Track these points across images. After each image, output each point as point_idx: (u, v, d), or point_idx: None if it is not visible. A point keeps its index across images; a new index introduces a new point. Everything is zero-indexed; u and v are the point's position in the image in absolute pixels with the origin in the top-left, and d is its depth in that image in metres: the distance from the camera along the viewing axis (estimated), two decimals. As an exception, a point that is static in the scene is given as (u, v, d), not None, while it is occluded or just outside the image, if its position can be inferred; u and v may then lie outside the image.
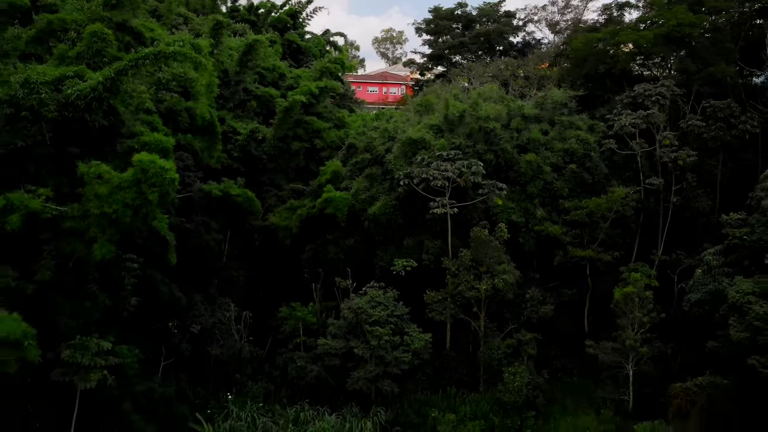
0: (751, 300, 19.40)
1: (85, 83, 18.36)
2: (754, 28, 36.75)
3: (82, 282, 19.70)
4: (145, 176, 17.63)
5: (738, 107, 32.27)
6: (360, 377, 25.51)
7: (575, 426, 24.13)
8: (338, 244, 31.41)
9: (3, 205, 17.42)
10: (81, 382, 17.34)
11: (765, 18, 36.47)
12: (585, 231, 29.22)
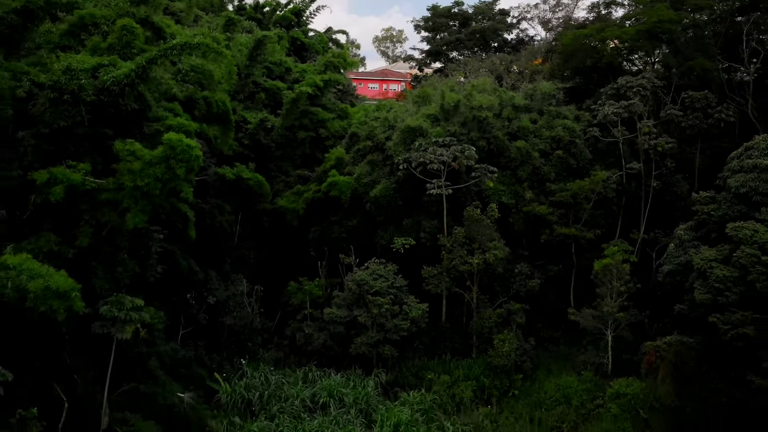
0: (713, 265, 21.45)
1: (119, 70, 20.40)
2: (734, 24, 38.77)
3: (115, 249, 21.78)
4: (174, 153, 19.67)
5: (715, 98, 34.19)
6: (362, 343, 27.64)
7: (558, 386, 26.18)
8: (342, 225, 33.51)
9: (47, 178, 19.50)
10: (118, 333, 19.41)
11: (743, 15, 38.48)
12: (570, 211, 31.28)
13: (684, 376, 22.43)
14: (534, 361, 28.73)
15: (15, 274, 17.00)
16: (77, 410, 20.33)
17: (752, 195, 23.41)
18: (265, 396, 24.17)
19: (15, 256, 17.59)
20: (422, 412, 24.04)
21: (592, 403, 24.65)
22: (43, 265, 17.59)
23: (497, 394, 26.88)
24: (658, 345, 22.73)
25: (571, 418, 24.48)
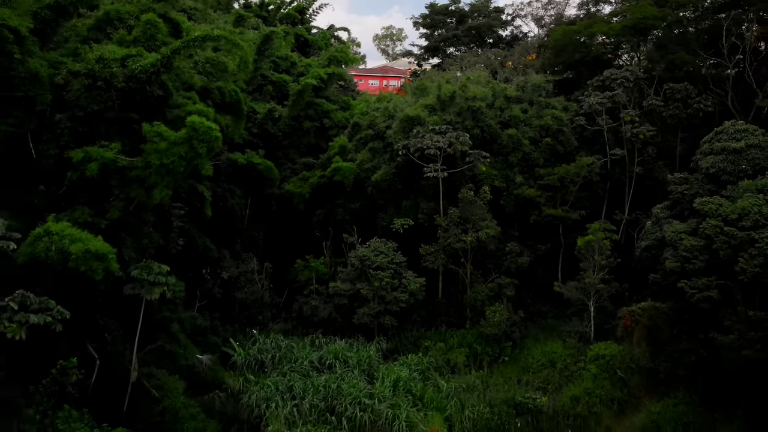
0: (682, 237, 23.46)
1: (146, 60, 22.34)
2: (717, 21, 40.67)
3: (141, 222, 23.78)
4: (196, 134, 21.64)
5: (694, 90, 36.10)
6: (365, 313, 29.69)
7: (544, 352, 28.25)
8: (345, 208, 35.54)
9: (82, 156, 21.49)
10: (147, 294, 21.43)
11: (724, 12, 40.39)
12: (557, 194, 33.30)
13: (657, 338, 24.48)
14: (523, 332, 30.77)
15: (57, 239, 18.96)
16: (108, 366, 22.34)
17: (720, 175, 25.44)
18: (277, 357, 26.28)
19: (57, 224, 19.58)
20: (419, 372, 26.13)
21: (575, 366, 26.73)
22: (82, 232, 19.62)
23: (488, 360, 28.92)
24: (633, 310, 24.78)
25: (555, 379, 26.55)
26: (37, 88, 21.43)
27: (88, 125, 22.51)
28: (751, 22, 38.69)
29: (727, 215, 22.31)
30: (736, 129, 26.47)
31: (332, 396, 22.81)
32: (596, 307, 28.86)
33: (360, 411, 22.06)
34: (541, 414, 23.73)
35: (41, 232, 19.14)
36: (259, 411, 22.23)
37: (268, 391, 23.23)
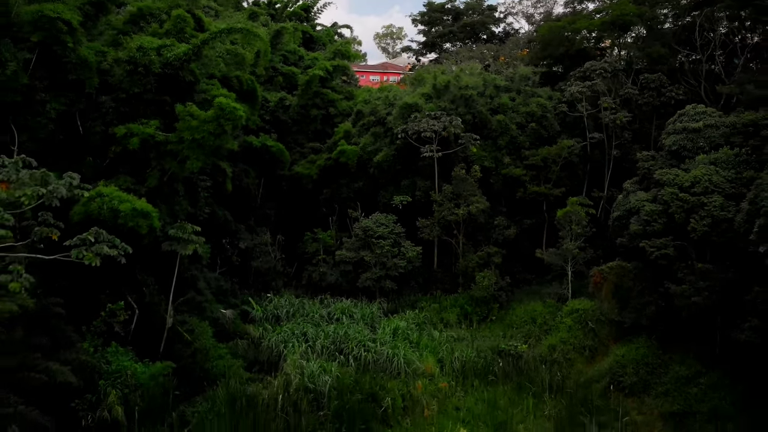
0: (645, 204, 26.51)
1: (179, 49, 25.46)
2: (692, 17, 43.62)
3: (174, 191, 26.90)
4: (223, 113, 24.76)
5: (667, 80, 39.17)
6: (367, 278, 32.82)
7: (527, 311, 31.35)
8: (349, 187, 38.63)
9: (125, 132, 24.61)
10: (181, 250, 24.55)
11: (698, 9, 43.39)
12: (541, 173, 36.40)
13: (622, 294, 27.56)
14: (509, 295, 33.88)
15: (108, 199, 22.05)
16: (145, 314, 25.44)
17: (681, 151, 28.48)
18: (291, 312, 29.43)
19: (106, 188, 22.69)
20: (416, 324, 29.26)
21: (553, 321, 29.84)
22: (128, 194, 22.73)
23: (477, 319, 32.05)
24: (602, 269, 27.89)
25: (535, 333, 29.67)
26: (86, 72, 24.47)
27: (129, 106, 25.62)
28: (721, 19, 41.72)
29: (682, 183, 25.37)
30: (696, 111, 29.51)
31: (340, 340, 25.95)
32: (573, 271, 31.95)
33: (364, 351, 25.20)
34: (521, 359, 26.79)
35: (94, 194, 22.14)
36: (278, 351, 25.38)
37: (284, 335, 26.43)
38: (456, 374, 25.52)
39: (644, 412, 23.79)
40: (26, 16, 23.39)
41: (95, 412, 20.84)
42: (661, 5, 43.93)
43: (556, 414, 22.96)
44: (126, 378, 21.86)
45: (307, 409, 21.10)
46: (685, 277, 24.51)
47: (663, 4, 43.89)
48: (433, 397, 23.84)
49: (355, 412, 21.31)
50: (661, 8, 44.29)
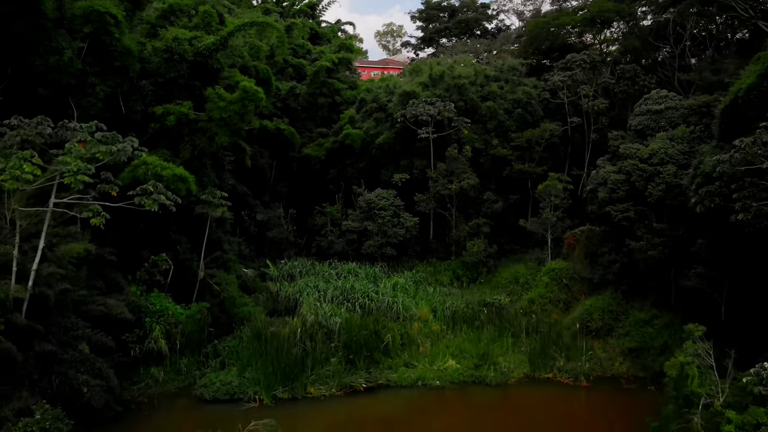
0: (611, 174, 30.10)
1: (208, 40, 29.03)
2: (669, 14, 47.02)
3: (202, 164, 30.52)
4: (247, 95, 28.39)
5: (641, 70, 42.70)
6: (370, 245, 36.45)
7: (511, 272, 34.97)
8: (354, 166, 42.20)
9: (162, 111, 28.25)
10: (212, 212, 28.22)
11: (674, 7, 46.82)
12: (525, 153, 39.98)
13: (592, 253, 31.20)
14: (496, 262, 37.48)
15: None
16: (180, 269, 29.06)
17: (645, 130, 32.05)
18: (303, 271, 33.08)
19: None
20: (413, 282, 32.94)
21: (533, 280, 33.47)
22: (167, 162, 26.33)
23: (467, 280, 35.68)
24: (574, 232, 31.53)
25: (517, 290, 33.31)
26: (129, 59, 28.03)
27: (165, 89, 29.22)
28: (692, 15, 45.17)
29: (642, 156, 28.96)
30: (659, 95, 33.07)
31: (347, 291, 29.59)
32: (552, 238, 35.54)
33: (368, 300, 28.86)
34: (504, 309, 30.44)
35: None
36: (294, 300, 29.04)
37: (299, 287, 30.11)
38: (447, 320, 29.16)
39: (607, 350, 27.47)
40: (78, 11, 26.94)
41: (143, 344, 24.57)
42: (639, 3, 47.44)
43: (530, 350, 26.60)
44: (167, 317, 25.56)
45: (321, 340, 24.79)
46: (643, 236, 28.15)
47: (641, 2, 47.40)
48: (427, 337, 27.51)
49: (361, 344, 24.98)
50: (639, 6, 47.80)
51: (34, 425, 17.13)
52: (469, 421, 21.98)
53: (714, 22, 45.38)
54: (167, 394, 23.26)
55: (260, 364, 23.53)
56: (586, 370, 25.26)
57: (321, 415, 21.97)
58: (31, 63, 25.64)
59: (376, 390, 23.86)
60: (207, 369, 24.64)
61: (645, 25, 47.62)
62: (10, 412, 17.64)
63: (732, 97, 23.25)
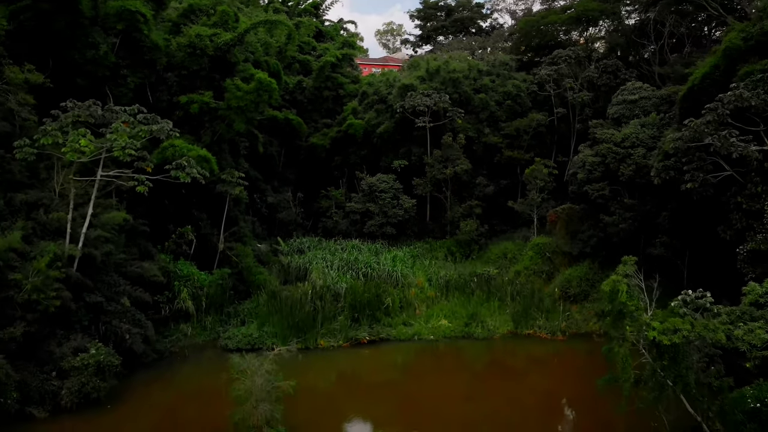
0: (588, 157, 33.02)
1: (227, 36, 31.93)
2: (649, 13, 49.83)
3: (221, 149, 33.42)
4: (262, 86, 31.31)
5: (623, 65, 45.57)
6: (372, 224, 39.41)
7: (500, 249, 37.88)
8: (356, 154, 45.13)
9: (186, 100, 31.19)
10: (231, 190, 31.18)
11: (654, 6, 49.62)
12: (514, 141, 42.90)
13: (572, 229, 34.18)
14: (487, 240, 40.41)
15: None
16: (201, 242, 31.97)
17: (621, 118, 34.96)
18: (311, 246, 36.05)
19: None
20: (411, 256, 35.93)
21: (520, 255, 36.43)
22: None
23: (461, 257, 38.61)
24: (556, 210, 34.50)
25: (505, 264, 36.23)
26: (157, 53, 30.95)
27: (188, 80, 32.15)
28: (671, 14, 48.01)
29: (616, 140, 31.90)
30: (634, 87, 35.99)
31: (352, 262, 32.58)
32: (538, 218, 38.51)
33: (370, 269, 31.85)
34: (492, 279, 33.38)
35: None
36: (304, 269, 32.01)
37: (308, 258, 33.10)
38: (441, 288, 32.11)
39: (583, 312, 30.35)
40: (111, 10, 29.85)
41: (172, 304, 27.55)
42: (623, 2, 50.27)
43: (514, 311, 29.59)
44: (193, 281, 28.53)
45: (329, 301, 27.77)
46: (616, 211, 31.12)
47: (624, 2, 50.23)
48: (423, 302, 30.49)
49: (365, 305, 27.96)
50: (623, 5, 50.63)
51: (90, 359, 20.09)
52: (459, 365, 24.96)
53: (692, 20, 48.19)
54: (195, 346, 26.23)
55: (276, 320, 26.53)
56: (562, 327, 28.22)
57: (330, 361, 24.97)
58: (70, 56, 28.53)
59: (377, 343, 26.85)
60: (229, 326, 27.62)
61: (629, 24, 50.49)
62: (68, 350, 20.61)
63: (690, 85, 26.18)
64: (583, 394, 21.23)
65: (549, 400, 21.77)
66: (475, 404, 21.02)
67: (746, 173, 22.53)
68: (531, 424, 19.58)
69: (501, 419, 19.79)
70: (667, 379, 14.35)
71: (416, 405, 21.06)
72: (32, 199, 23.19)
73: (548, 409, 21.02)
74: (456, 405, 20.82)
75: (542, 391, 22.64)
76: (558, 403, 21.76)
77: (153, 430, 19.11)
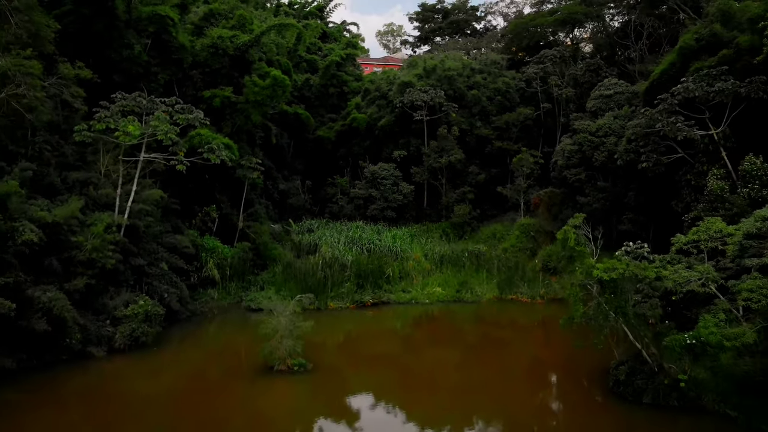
0: (567, 146, 36.63)
1: (245, 38, 35.52)
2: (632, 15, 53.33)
3: (240, 138, 36.99)
4: (276, 82, 34.92)
5: (605, 63, 49.14)
6: (374, 208, 43.00)
7: (490, 230, 41.49)
8: (360, 145, 48.70)
9: (209, 95, 34.79)
10: (249, 174, 34.80)
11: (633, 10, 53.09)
12: (504, 133, 46.48)
13: (553, 211, 37.78)
14: (478, 223, 44.01)
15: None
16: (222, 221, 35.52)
17: (598, 111, 38.56)
18: (320, 227, 39.67)
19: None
20: (409, 236, 39.53)
21: (507, 234, 40.04)
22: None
23: (455, 238, 42.20)
24: (539, 193, 38.11)
25: (494, 242, 39.84)
26: (183, 53, 34.56)
27: (211, 77, 35.76)
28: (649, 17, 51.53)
29: (591, 130, 35.50)
30: (610, 83, 39.58)
31: (356, 239, 36.20)
32: (525, 202, 42.12)
33: (373, 245, 35.48)
34: (482, 255, 36.95)
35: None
36: (314, 246, 35.60)
37: (317, 236, 36.73)
38: (435, 262, 35.68)
39: (561, 283, 33.88)
40: (144, 14, 33.44)
41: (200, 272, 31.15)
42: (607, 6, 53.80)
43: (500, 280, 33.21)
44: (218, 253, 32.14)
45: (337, 270, 31.40)
46: (590, 193, 34.74)
47: (608, 6, 53.76)
48: (419, 273, 34.09)
49: (368, 274, 31.58)
50: (606, 9, 54.17)
51: (139, 309, 23.70)
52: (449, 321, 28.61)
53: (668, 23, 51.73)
54: (221, 308, 29.86)
55: (291, 285, 30.15)
56: (542, 293, 31.84)
57: (339, 319, 28.60)
58: (107, 55, 32.12)
59: (379, 305, 30.50)
60: (250, 291, 31.23)
61: (612, 26, 54.06)
62: (120, 303, 24.23)
63: (651, 80, 29.75)
64: (553, 338, 24.92)
65: (521, 340, 25.80)
66: (459, 343, 24.70)
67: (695, 155, 26.10)
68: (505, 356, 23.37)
69: (481, 351, 23.52)
70: (610, 310, 17.94)
71: (412, 348, 24.72)
72: (83, 177, 26.81)
73: (520, 347, 24.91)
74: (442, 345, 24.49)
75: (518, 334, 26.73)
76: (528, 343, 25.65)
77: (194, 366, 22.70)
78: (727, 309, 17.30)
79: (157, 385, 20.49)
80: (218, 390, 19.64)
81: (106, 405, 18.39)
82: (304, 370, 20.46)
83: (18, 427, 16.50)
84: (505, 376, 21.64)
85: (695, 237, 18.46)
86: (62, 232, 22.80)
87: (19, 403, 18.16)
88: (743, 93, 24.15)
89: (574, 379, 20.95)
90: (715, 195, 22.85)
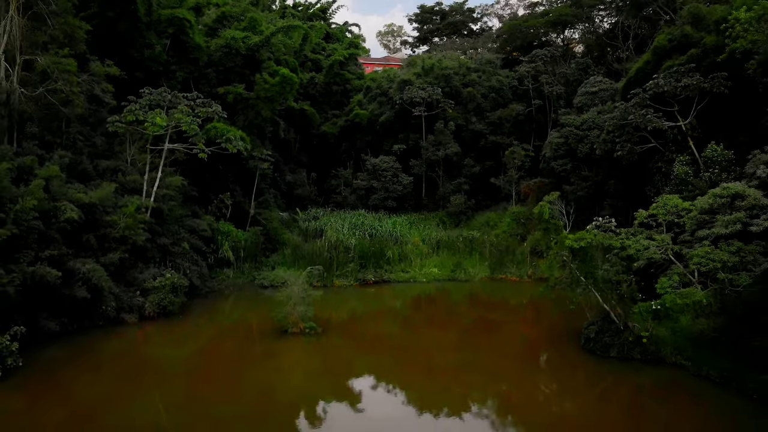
0: (555, 138, 39.18)
1: (256, 38, 38.07)
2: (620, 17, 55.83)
3: (251, 132, 39.56)
4: (285, 79, 37.48)
5: (592, 62, 51.68)
6: (375, 198, 45.57)
7: (484, 218, 44.07)
8: (362, 140, 51.25)
9: (223, 91, 37.35)
10: (260, 166, 37.35)
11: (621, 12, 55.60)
12: (497, 128, 49.02)
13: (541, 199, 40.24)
14: (473, 212, 46.56)
15: (220, 130, 34.70)
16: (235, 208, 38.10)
17: (583, 107, 41.13)
18: (324, 215, 42.26)
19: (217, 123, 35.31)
20: (408, 223, 42.14)
21: (499, 222, 42.61)
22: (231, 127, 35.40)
23: (451, 225, 44.78)
24: (528, 183, 40.68)
25: (487, 229, 42.38)
26: (199, 53, 37.11)
27: (224, 75, 38.32)
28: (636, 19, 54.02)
29: (576, 124, 38.07)
30: (595, 80, 42.13)
31: (359, 225, 38.80)
32: (516, 192, 44.69)
33: (374, 230, 38.07)
34: (476, 240, 39.54)
35: (210, 127, 34.82)
36: (320, 231, 38.18)
37: (323, 222, 39.33)
38: (432, 246, 38.27)
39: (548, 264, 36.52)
40: (164, 16, 36.01)
41: (216, 254, 33.73)
42: (596, 9, 56.32)
43: (491, 262, 35.80)
44: (232, 237, 34.72)
45: (342, 252, 33.98)
46: (575, 182, 37.31)
47: (597, 8, 56.28)
48: (417, 256, 36.68)
49: (370, 256, 34.18)
50: (595, 11, 56.68)
51: (166, 281, 26.30)
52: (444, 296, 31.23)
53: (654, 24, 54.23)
54: (236, 285, 32.45)
55: (300, 265, 32.72)
56: (529, 273, 34.43)
57: (344, 294, 31.20)
58: (130, 54, 34.69)
59: (381, 283, 33.13)
60: (262, 271, 33.83)
61: (601, 27, 56.57)
62: (148, 276, 26.83)
63: (628, 77, 32.29)
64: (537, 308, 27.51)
65: (507, 309, 28.61)
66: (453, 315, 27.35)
67: (665, 144, 28.68)
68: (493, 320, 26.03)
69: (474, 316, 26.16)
70: (581, 275, 20.52)
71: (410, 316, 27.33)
72: (112, 165, 29.40)
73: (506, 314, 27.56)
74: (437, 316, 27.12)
75: (505, 304, 29.53)
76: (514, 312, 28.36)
77: (218, 330, 25.32)
78: (682, 273, 19.87)
79: (186, 347, 23.10)
80: (242, 349, 22.25)
81: (140, 364, 20.91)
82: (314, 333, 23.05)
83: (61, 383, 18.68)
84: (492, 337, 24.26)
85: (654, 211, 21.02)
86: (98, 212, 25.38)
87: (62, 361, 20.57)
88: (707, 88, 26.70)
89: (552, 340, 23.56)
90: (680, 179, 25.40)
